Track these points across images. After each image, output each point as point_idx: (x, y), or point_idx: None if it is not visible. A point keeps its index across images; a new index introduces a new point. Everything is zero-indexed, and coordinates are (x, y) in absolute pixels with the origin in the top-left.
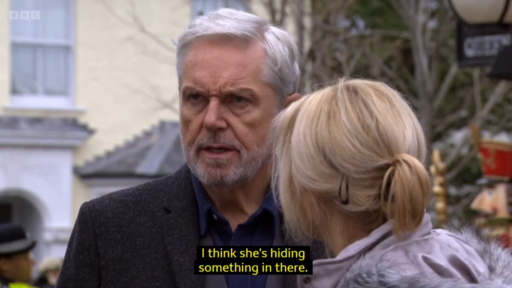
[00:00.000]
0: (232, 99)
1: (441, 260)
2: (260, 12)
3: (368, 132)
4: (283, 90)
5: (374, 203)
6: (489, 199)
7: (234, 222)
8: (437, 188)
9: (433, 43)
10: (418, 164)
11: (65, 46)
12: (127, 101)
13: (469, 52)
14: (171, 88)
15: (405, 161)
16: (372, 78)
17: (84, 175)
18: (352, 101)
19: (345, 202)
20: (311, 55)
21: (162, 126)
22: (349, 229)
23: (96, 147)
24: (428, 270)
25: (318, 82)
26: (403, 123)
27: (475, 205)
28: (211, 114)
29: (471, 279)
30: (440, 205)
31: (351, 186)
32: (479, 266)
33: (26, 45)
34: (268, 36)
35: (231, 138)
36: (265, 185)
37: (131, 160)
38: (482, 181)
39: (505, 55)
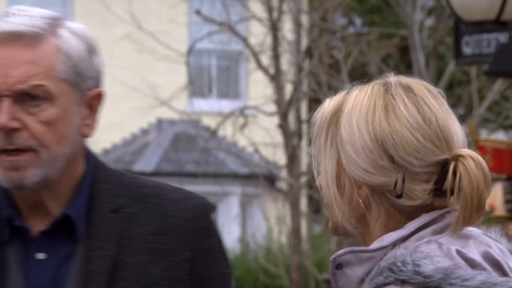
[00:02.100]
0: (26, 98)
1: (475, 255)
2: (258, 10)
3: (430, 125)
4: (81, 86)
5: (429, 197)
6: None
7: (41, 226)
8: None
9: (431, 41)
10: (482, 159)
11: None
12: (124, 99)
13: (467, 50)
14: (168, 86)
15: (470, 156)
16: (370, 76)
17: None
18: (409, 95)
19: (399, 196)
20: (309, 53)
21: (160, 124)
22: (391, 223)
23: (93, 145)
24: (462, 263)
25: (316, 80)
26: (453, 119)
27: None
28: (3, 115)
29: (504, 275)
30: None
31: (407, 180)
32: (511, 263)
33: None
34: (62, 31)
35: (27, 138)
36: (73, 186)
37: (128, 158)
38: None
39: (503, 53)
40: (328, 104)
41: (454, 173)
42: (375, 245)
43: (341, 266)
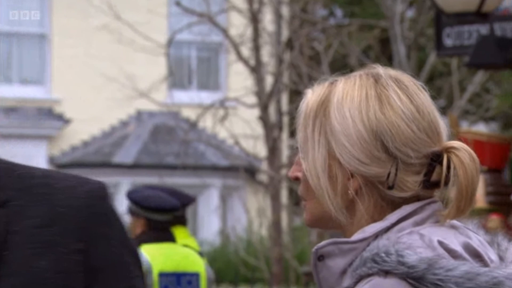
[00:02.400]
0: None
1: (456, 246)
2: (238, 1)
3: (423, 117)
4: None
5: (418, 189)
6: None
7: None
8: None
9: (411, 32)
10: (472, 151)
11: (41, 35)
12: (103, 90)
13: (448, 42)
14: (147, 77)
15: (463, 148)
16: (350, 67)
17: (59, 165)
18: (401, 87)
19: (391, 187)
20: (289, 44)
21: (139, 115)
22: (377, 214)
23: (71, 137)
24: (444, 254)
25: (296, 72)
26: (437, 111)
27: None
28: None
29: (485, 265)
30: None
31: (400, 171)
32: (491, 254)
33: (0, 34)
34: None
35: None
36: None
37: (107, 150)
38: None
39: (484, 44)
40: (313, 95)
41: (448, 165)
42: (357, 236)
43: (323, 258)
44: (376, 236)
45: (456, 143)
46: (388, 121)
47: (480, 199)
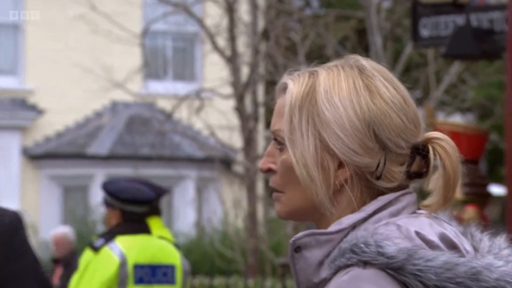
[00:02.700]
0: None
1: (433, 236)
2: None
3: (409, 107)
4: None
5: (403, 180)
6: None
7: None
8: None
9: (388, 23)
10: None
11: (15, 25)
12: (78, 81)
13: (424, 32)
14: (123, 68)
15: (446, 139)
16: (327, 58)
17: (33, 156)
18: (386, 77)
19: (379, 177)
20: (265, 34)
21: (114, 106)
22: (360, 205)
23: (45, 128)
24: (421, 245)
25: (272, 62)
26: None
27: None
28: None
29: (461, 256)
30: None
31: (387, 161)
32: (466, 245)
33: None
34: None
35: None
36: None
37: (82, 141)
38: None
39: (460, 35)
40: (295, 86)
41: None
42: (333, 227)
43: (300, 249)
44: (353, 227)
45: (438, 134)
46: (380, 111)
47: (456, 190)
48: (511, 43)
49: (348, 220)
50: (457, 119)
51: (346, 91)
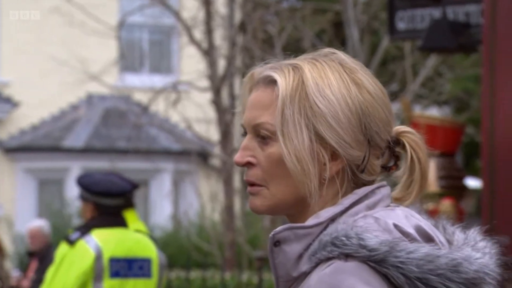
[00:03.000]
0: None
1: (410, 229)
2: None
3: (388, 100)
4: None
5: (379, 172)
6: None
7: None
8: None
9: (365, 16)
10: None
11: None
12: (53, 74)
13: (401, 25)
14: (99, 60)
15: (414, 131)
16: (303, 51)
17: (8, 149)
18: (365, 71)
19: (362, 170)
20: (242, 27)
21: (90, 99)
22: (340, 198)
23: (20, 120)
24: (400, 237)
25: (249, 55)
26: None
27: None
28: None
29: (438, 248)
30: None
31: (370, 155)
32: (440, 237)
33: None
34: None
35: None
36: None
37: (57, 133)
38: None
39: (436, 28)
40: (283, 80)
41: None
42: (312, 221)
43: (279, 243)
44: (332, 220)
45: (406, 127)
46: (369, 104)
47: (432, 183)
48: (487, 36)
49: (326, 213)
50: (434, 112)
51: (336, 84)
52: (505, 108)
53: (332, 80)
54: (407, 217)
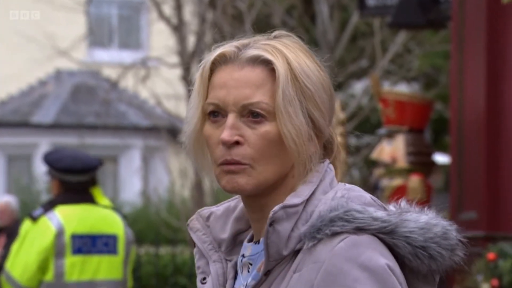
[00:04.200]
0: None
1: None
2: None
3: None
4: None
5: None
6: (389, 149)
7: None
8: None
9: None
10: None
11: None
12: (22, 50)
13: (370, 2)
14: (67, 36)
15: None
16: (273, 27)
17: None
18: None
19: (325, 148)
20: (212, 3)
21: (58, 74)
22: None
23: None
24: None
25: (219, 31)
26: None
27: (374, 155)
28: None
29: None
30: None
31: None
32: (387, 208)
33: None
34: None
35: None
36: None
37: (26, 109)
38: (382, 131)
39: (405, 4)
40: (277, 60)
41: None
42: (295, 199)
43: (273, 223)
44: (309, 198)
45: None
46: (330, 86)
47: (401, 159)
48: (456, 13)
49: (306, 191)
50: (403, 88)
51: (311, 65)
52: (473, 84)
53: (307, 62)
54: (361, 191)
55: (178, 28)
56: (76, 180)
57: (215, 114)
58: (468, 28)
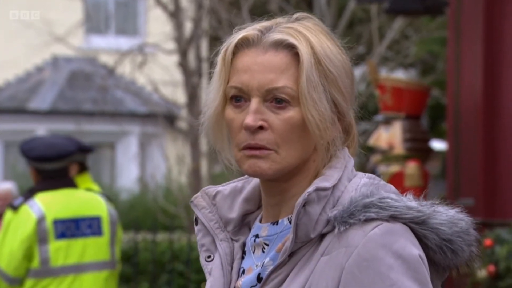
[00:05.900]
0: None
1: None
2: None
3: None
4: None
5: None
6: (386, 136)
7: None
8: None
9: None
10: None
11: None
12: (18, 35)
13: None
14: (64, 22)
15: None
16: (270, 13)
17: None
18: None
19: (348, 134)
20: None
21: (55, 61)
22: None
23: None
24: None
25: (216, 17)
26: None
27: (371, 141)
28: None
29: None
30: None
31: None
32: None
33: None
34: None
35: None
36: None
37: (22, 95)
38: (379, 117)
39: None
40: (302, 45)
41: None
42: (325, 183)
43: (305, 204)
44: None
45: None
46: (352, 70)
47: (398, 146)
48: None
49: (334, 176)
50: (400, 74)
51: (334, 49)
52: (470, 71)
53: (329, 45)
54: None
55: (175, 14)
56: (51, 168)
57: (237, 98)
58: (465, 15)
